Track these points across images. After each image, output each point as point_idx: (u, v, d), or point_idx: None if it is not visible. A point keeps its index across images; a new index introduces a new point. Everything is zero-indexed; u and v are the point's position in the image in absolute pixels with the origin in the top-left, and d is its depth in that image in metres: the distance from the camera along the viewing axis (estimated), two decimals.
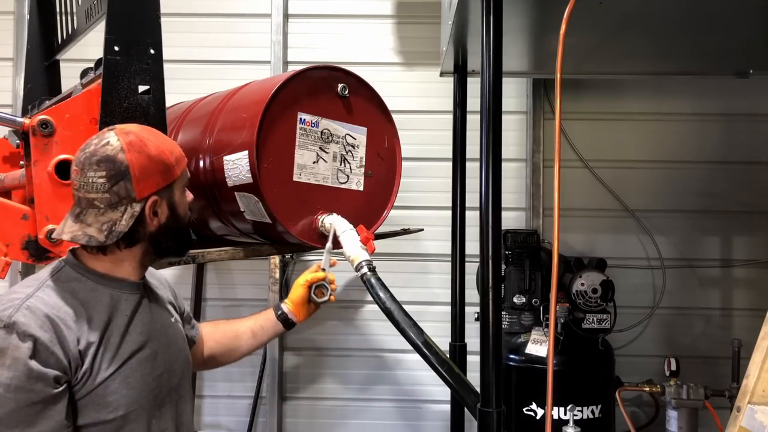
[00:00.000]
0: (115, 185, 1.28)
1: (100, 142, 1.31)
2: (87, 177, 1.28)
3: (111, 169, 1.28)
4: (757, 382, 1.26)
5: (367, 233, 1.92)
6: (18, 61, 3.21)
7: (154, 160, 1.32)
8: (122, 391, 1.31)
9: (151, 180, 1.32)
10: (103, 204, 1.29)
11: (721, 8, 1.92)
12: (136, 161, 1.30)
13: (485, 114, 1.61)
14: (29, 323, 1.20)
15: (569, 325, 2.57)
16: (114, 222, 1.29)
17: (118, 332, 1.33)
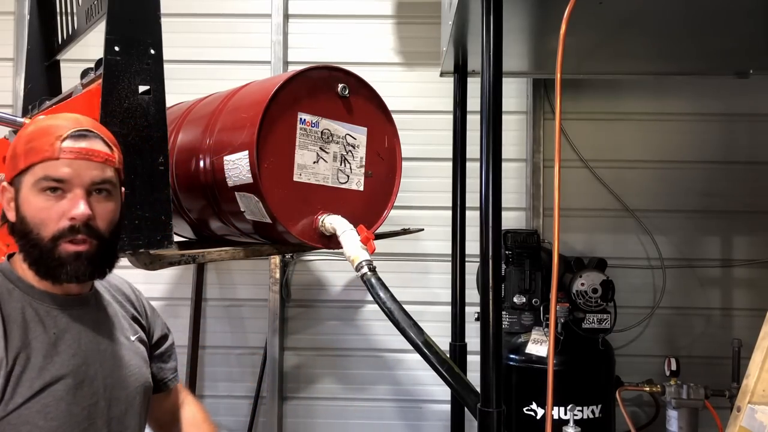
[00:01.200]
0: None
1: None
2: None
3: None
4: (758, 382, 1.26)
5: (368, 233, 1.92)
6: (18, 62, 3.21)
7: (21, 141, 1.21)
8: (38, 422, 1.15)
9: (10, 164, 1.21)
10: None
11: (721, 8, 1.93)
12: (15, 140, 1.20)
13: (485, 114, 1.61)
14: None
15: (569, 325, 2.57)
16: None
17: (40, 352, 1.18)
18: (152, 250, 1.67)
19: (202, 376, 3.25)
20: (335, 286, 3.26)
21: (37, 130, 1.22)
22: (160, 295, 3.24)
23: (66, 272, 1.20)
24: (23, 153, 1.19)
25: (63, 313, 1.25)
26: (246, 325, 3.27)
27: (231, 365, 3.28)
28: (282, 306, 3.22)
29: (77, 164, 1.20)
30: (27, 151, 1.19)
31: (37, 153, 1.19)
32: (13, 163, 1.20)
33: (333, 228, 1.93)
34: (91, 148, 1.23)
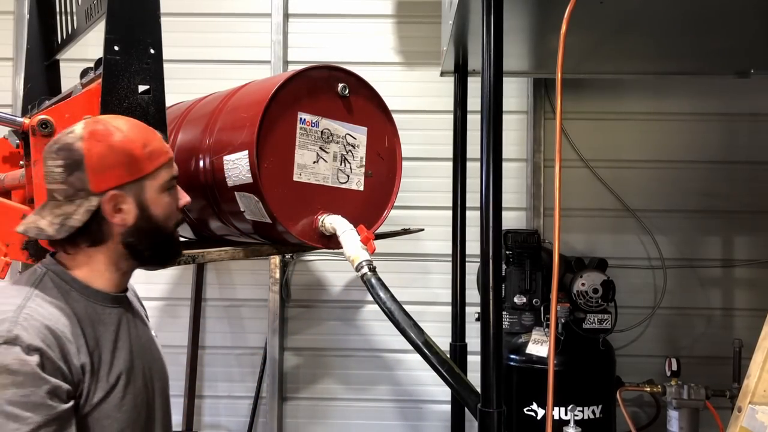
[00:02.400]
0: (70, 176, 1.18)
1: (68, 130, 1.21)
2: (48, 166, 1.19)
3: (67, 158, 1.18)
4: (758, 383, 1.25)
5: (368, 233, 1.92)
6: (18, 61, 3.21)
7: (115, 151, 1.20)
8: (116, 414, 1.22)
9: (111, 173, 1.20)
10: (61, 196, 1.19)
11: (721, 8, 1.92)
12: (95, 151, 1.18)
13: (486, 114, 1.60)
14: (32, 336, 1.10)
15: (570, 325, 2.56)
16: (67, 216, 1.18)
17: (108, 349, 1.24)
18: None
19: (201, 376, 3.25)
20: (335, 286, 3.26)
21: (143, 133, 1.27)
22: (160, 295, 3.23)
23: (178, 253, 1.41)
24: (145, 157, 1.24)
25: (114, 311, 1.29)
26: (246, 325, 3.27)
27: (231, 365, 3.28)
28: (282, 306, 3.22)
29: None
30: (148, 155, 1.24)
31: (159, 156, 1.27)
32: (130, 168, 1.21)
33: (333, 228, 1.93)
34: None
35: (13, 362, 1.07)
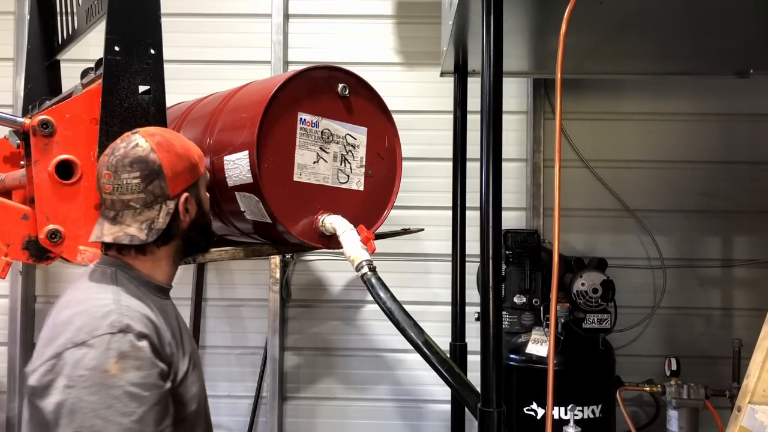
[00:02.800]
0: (149, 185, 1.31)
1: (128, 144, 1.33)
2: (121, 179, 1.30)
3: (144, 169, 1.31)
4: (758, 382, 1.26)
5: (368, 233, 1.92)
6: (18, 61, 3.21)
7: (182, 158, 1.37)
8: (191, 390, 1.37)
9: (181, 177, 1.36)
10: (139, 204, 1.31)
11: (721, 8, 1.92)
12: (167, 160, 1.34)
13: (486, 114, 1.61)
14: (138, 324, 1.23)
15: (570, 324, 2.57)
16: (152, 220, 1.32)
17: (177, 335, 1.38)
18: None
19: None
20: (335, 286, 3.26)
21: (186, 140, 1.45)
22: None
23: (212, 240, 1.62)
24: (199, 161, 1.43)
25: (169, 301, 1.45)
26: (246, 325, 3.28)
27: (231, 365, 3.28)
28: (282, 306, 3.22)
29: None
30: (200, 159, 1.44)
31: (203, 159, 1.47)
32: (192, 171, 1.39)
33: (333, 228, 1.93)
34: None
35: (131, 349, 1.19)
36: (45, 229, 1.58)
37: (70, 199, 1.60)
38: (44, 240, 1.58)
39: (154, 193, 1.32)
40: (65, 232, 1.59)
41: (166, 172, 1.33)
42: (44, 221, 1.58)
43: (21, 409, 1.21)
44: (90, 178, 1.60)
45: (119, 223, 1.32)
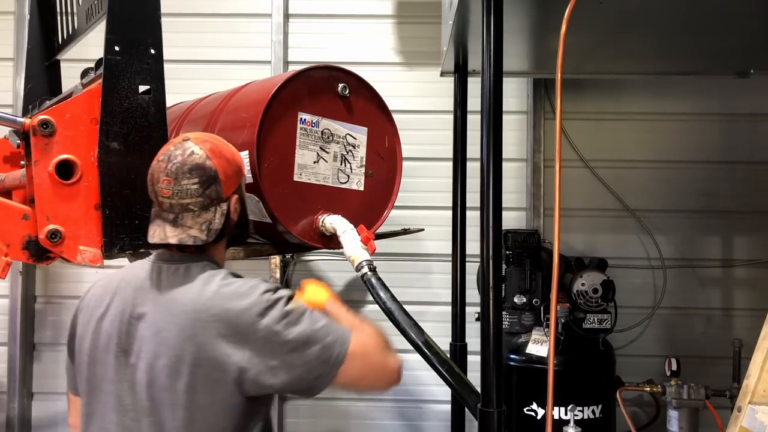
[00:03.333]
0: (207, 189, 1.41)
1: (184, 152, 1.41)
2: (181, 185, 1.40)
3: (203, 175, 1.41)
4: (758, 382, 1.26)
5: (368, 233, 1.92)
6: (18, 61, 3.21)
7: (231, 163, 1.47)
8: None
9: (231, 180, 1.47)
10: (197, 207, 1.41)
11: (721, 8, 1.92)
12: (221, 166, 1.44)
13: (486, 114, 1.61)
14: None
15: (570, 325, 2.57)
16: (209, 221, 1.43)
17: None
18: (152, 250, 1.67)
19: None
20: (336, 286, 3.26)
21: (229, 144, 1.54)
22: None
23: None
24: (242, 164, 1.54)
25: None
26: None
27: None
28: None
29: None
30: (242, 162, 1.55)
31: (242, 162, 1.56)
32: (239, 174, 1.50)
33: (333, 228, 1.93)
34: None
35: (295, 307, 1.40)
36: (45, 229, 1.58)
37: (70, 199, 1.59)
38: (44, 240, 1.58)
39: (210, 197, 1.42)
40: (65, 232, 1.59)
41: (221, 177, 1.43)
42: (44, 221, 1.58)
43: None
44: (90, 178, 1.60)
45: (181, 226, 1.41)
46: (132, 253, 1.66)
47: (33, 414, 3.26)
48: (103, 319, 1.42)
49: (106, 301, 1.43)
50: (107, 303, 1.43)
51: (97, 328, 1.42)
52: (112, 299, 1.43)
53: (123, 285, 1.44)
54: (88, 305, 1.48)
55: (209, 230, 1.43)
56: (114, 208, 1.61)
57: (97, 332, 1.42)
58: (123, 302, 1.41)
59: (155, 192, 1.42)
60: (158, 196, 1.42)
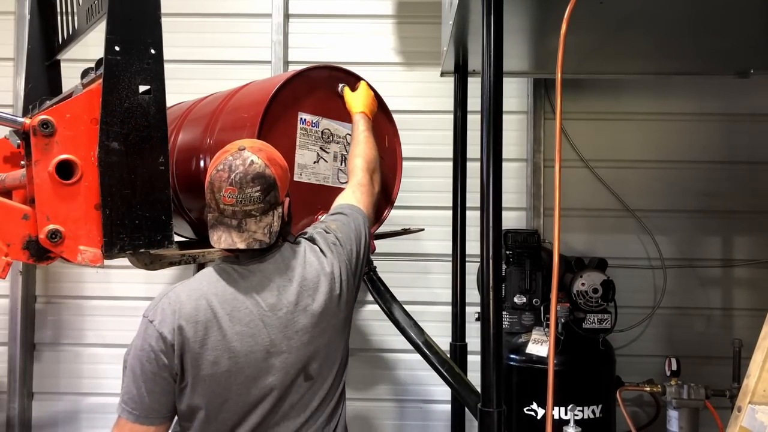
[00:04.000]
0: (267, 195, 1.51)
1: (244, 162, 1.50)
2: (245, 193, 1.49)
3: (264, 183, 1.50)
4: (758, 382, 1.26)
5: None
6: (19, 61, 3.21)
7: (284, 170, 1.58)
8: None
9: (284, 185, 1.57)
10: (258, 212, 1.51)
11: (721, 8, 1.93)
12: (277, 173, 1.54)
13: (486, 114, 1.61)
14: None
15: (570, 325, 2.57)
16: (270, 225, 1.52)
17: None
18: (153, 250, 1.68)
19: None
20: None
21: (277, 151, 1.63)
22: None
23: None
24: (289, 170, 1.63)
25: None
26: None
27: None
28: None
29: None
30: (289, 168, 1.65)
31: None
32: (287, 181, 1.59)
33: None
34: None
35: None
36: (45, 229, 1.58)
37: (71, 199, 1.59)
38: (44, 240, 1.58)
39: (270, 202, 1.52)
40: (65, 232, 1.59)
41: (278, 184, 1.53)
42: (44, 221, 1.58)
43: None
44: (90, 177, 1.60)
45: (246, 231, 1.51)
46: (132, 253, 1.66)
47: (33, 414, 3.26)
48: (226, 339, 1.47)
49: (212, 326, 1.47)
50: (216, 326, 1.47)
51: (227, 346, 1.47)
52: (217, 318, 1.47)
53: (226, 298, 1.50)
54: (190, 338, 1.46)
55: (270, 233, 1.52)
56: (114, 208, 1.61)
57: (232, 350, 1.47)
58: (250, 309, 1.50)
59: (216, 200, 1.52)
60: (219, 204, 1.51)
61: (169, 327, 1.44)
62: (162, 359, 1.44)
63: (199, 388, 1.45)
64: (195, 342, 1.44)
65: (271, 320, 1.51)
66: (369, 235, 1.74)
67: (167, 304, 1.48)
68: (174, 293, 1.51)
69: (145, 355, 1.44)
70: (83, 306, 3.25)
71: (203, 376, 1.45)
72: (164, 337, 1.44)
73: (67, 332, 3.26)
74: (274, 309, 1.52)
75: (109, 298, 3.22)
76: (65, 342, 3.26)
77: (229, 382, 1.46)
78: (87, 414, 3.26)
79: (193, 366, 1.44)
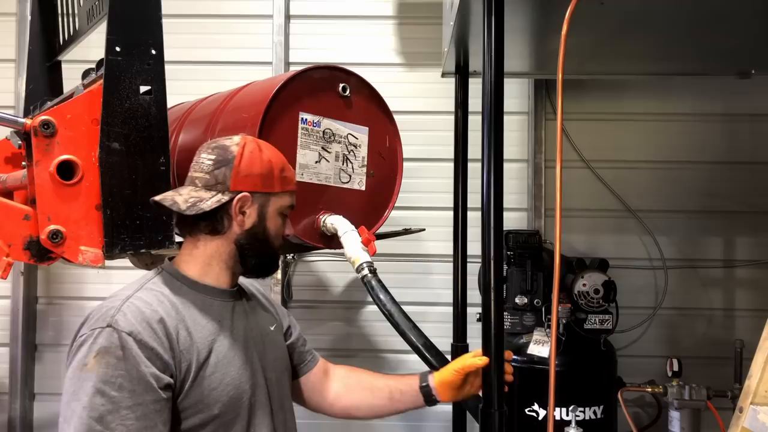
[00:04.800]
0: (216, 169, 1.38)
1: (227, 138, 1.43)
2: (200, 157, 1.41)
3: (220, 155, 1.39)
4: (760, 383, 1.26)
5: (369, 234, 1.92)
6: (20, 63, 3.22)
7: (260, 163, 1.41)
8: (220, 389, 1.34)
9: (249, 178, 1.39)
10: (201, 183, 1.39)
11: (723, 8, 1.92)
12: (244, 157, 1.38)
13: (487, 115, 1.60)
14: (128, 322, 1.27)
15: (571, 325, 2.56)
16: (200, 199, 1.37)
17: (212, 334, 1.38)
18: (154, 251, 1.68)
19: None
20: (337, 287, 3.26)
21: (283, 160, 1.48)
22: None
23: (274, 270, 1.55)
24: (279, 179, 1.45)
25: (225, 303, 1.45)
26: None
27: None
28: (284, 306, 3.21)
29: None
30: (283, 179, 1.46)
31: (289, 183, 1.49)
32: (264, 181, 1.41)
33: (334, 228, 1.93)
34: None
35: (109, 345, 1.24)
36: (46, 230, 1.58)
37: (72, 199, 1.59)
38: (45, 240, 1.58)
39: (216, 179, 1.38)
40: (66, 233, 1.59)
41: (236, 164, 1.37)
42: (45, 222, 1.58)
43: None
44: (91, 178, 1.60)
45: (175, 191, 1.40)
46: (133, 254, 1.66)
47: (35, 415, 3.27)
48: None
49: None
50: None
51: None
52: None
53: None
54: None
55: (193, 205, 1.35)
56: (115, 209, 1.61)
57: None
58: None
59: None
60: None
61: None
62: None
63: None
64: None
65: None
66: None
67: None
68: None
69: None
70: (84, 307, 3.25)
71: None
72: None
73: (68, 333, 3.26)
74: None
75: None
76: (67, 343, 3.22)
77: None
78: None
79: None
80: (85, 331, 1.29)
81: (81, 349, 1.25)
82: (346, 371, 1.81)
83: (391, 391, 1.69)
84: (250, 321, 1.51)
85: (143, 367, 1.22)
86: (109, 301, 1.33)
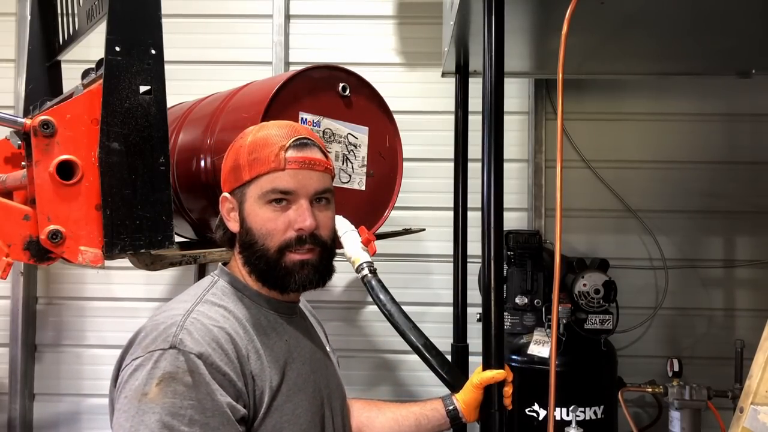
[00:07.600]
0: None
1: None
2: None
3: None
4: (760, 383, 1.25)
5: (369, 234, 1.92)
6: (20, 62, 3.21)
7: (231, 156, 1.26)
8: (293, 421, 1.19)
9: (224, 178, 1.27)
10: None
11: (723, 8, 1.92)
12: (228, 156, 1.25)
13: (487, 115, 1.60)
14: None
15: (571, 325, 2.56)
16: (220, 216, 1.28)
17: (283, 357, 1.22)
18: (153, 251, 1.67)
19: None
20: (337, 287, 3.26)
21: (258, 141, 1.23)
22: (160, 296, 3.23)
23: (294, 281, 1.23)
24: (247, 164, 1.21)
25: (284, 321, 1.27)
26: None
27: None
28: None
29: (302, 174, 1.20)
30: (251, 162, 1.21)
31: (262, 164, 1.20)
32: (235, 174, 1.22)
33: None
34: (313, 157, 1.23)
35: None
36: (46, 230, 1.57)
37: (71, 199, 1.59)
38: (45, 240, 1.57)
39: (217, 183, 1.28)
40: (66, 233, 1.58)
41: (223, 167, 1.26)
42: (45, 222, 1.57)
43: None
44: (91, 178, 1.60)
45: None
46: (132, 254, 1.66)
47: (34, 415, 3.27)
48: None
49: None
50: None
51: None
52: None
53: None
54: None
55: (216, 227, 1.28)
56: (115, 209, 1.60)
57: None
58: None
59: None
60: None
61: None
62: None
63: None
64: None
65: None
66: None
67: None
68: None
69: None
70: (84, 307, 3.24)
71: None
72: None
73: (68, 333, 3.26)
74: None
75: (110, 299, 3.22)
76: (66, 343, 3.26)
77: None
78: (88, 415, 3.26)
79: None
80: (139, 353, 1.05)
81: (136, 374, 1.01)
82: (363, 403, 1.69)
83: (417, 418, 1.55)
84: (310, 341, 1.35)
85: (219, 396, 1.02)
86: (164, 316, 1.11)
